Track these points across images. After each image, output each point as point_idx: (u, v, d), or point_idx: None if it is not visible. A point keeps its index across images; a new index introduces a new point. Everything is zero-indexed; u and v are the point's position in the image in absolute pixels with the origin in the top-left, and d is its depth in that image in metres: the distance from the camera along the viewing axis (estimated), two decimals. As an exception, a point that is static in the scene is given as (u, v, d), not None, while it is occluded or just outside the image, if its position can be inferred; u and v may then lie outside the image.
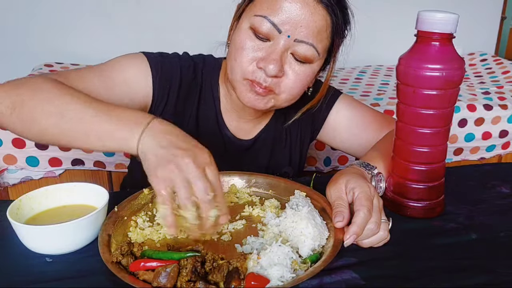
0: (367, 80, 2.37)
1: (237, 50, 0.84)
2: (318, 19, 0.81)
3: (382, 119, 1.02)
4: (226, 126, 0.98)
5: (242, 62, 0.83)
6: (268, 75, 0.82)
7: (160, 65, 0.91)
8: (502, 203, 0.85)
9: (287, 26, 0.80)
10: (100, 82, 0.83)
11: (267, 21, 0.80)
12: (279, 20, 0.80)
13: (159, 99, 0.92)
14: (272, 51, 0.81)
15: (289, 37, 0.80)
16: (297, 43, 0.81)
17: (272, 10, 0.80)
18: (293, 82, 0.85)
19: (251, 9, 0.84)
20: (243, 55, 0.83)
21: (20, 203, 0.70)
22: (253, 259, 0.61)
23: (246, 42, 0.83)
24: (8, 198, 1.68)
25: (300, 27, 0.80)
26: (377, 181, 0.82)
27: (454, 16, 0.70)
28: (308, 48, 0.82)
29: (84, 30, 2.42)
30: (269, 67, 0.80)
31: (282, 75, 0.84)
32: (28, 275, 0.63)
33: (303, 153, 1.08)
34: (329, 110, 1.04)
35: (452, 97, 0.74)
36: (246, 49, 0.83)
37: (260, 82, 0.83)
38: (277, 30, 0.80)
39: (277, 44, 0.81)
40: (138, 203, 0.78)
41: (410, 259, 0.68)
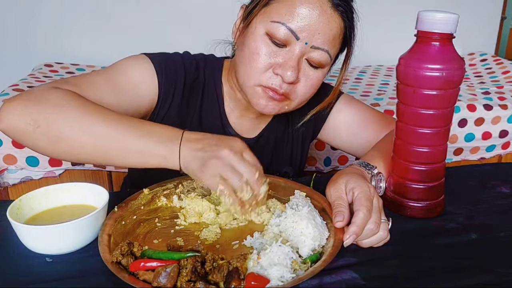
0: (367, 80, 2.37)
1: (252, 55, 0.84)
2: (334, 27, 0.82)
3: (382, 119, 1.03)
4: (230, 124, 0.99)
5: (258, 68, 0.83)
6: (286, 82, 0.82)
7: (164, 65, 0.91)
8: (502, 203, 0.85)
9: (305, 33, 0.80)
10: (109, 88, 0.83)
11: (285, 28, 0.80)
12: (297, 27, 0.80)
13: (164, 98, 0.92)
14: (290, 57, 0.82)
15: (306, 44, 0.81)
16: (313, 50, 0.82)
17: (290, 17, 0.80)
18: (306, 88, 0.86)
19: (267, 14, 0.83)
20: (259, 61, 0.83)
21: (20, 203, 0.70)
22: (253, 259, 0.61)
23: (262, 48, 0.83)
24: (8, 198, 1.68)
25: (317, 34, 0.81)
26: (377, 181, 0.82)
27: (454, 16, 0.70)
28: (323, 54, 0.83)
29: (84, 30, 2.42)
30: (287, 73, 0.81)
31: (297, 82, 0.85)
32: (28, 275, 0.63)
33: (304, 152, 1.09)
34: (330, 109, 1.04)
35: (452, 97, 0.74)
36: (262, 55, 0.83)
37: (277, 89, 0.83)
38: (295, 37, 0.81)
39: (293, 50, 0.82)
40: (138, 203, 0.78)
41: (410, 259, 0.68)
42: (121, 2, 2.43)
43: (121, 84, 0.85)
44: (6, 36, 2.37)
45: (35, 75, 2.09)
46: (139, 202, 0.78)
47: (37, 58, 2.31)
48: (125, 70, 0.88)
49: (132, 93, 0.86)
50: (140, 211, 0.77)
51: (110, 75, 0.86)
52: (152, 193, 0.80)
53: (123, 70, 0.87)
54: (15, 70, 2.22)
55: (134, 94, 0.87)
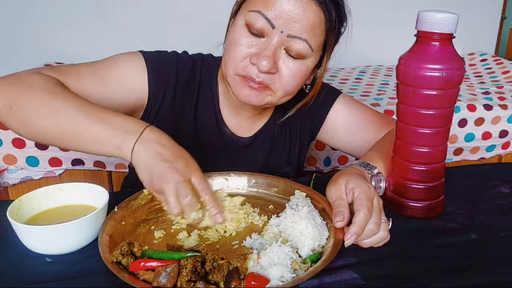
0: (367, 80, 2.37)
1: (231, 46, 0.85)
2: (311, 15, 0.81)
3: (381, 119, 1.02)
4: (225, 123, 0.99)
5: (235, 58, 0.84)
6: (261, 71, 0.82)
7: (157, 62, 0.92)
8: (502, 203, 0.85)
9: (281, 21, 0.80)
10: (95, 80, 0.84)
11: (261, 16, 0.81)
12: (273, 15, 0.80)
13: (155, 97, 0.92)
14: (265, 47, 0.82)
15: (282, 32, 0.81)
16: (290, 39, 0.81)
17: (265, 5, 0.80)
18: (287, 79, 0.85)
19: (247, 5, 0.84)
20: (236, 51, 0.83)
21: (20, 203, 0.70)
22: (253, 259, 0.61)
23: (240, 38, 0.83)
24: (8, 198, 1.68)
25: (293, 23, 0.80)
26: (377, 181, 0.82)
27: (454, 16, 0.70)
28: (301, 43, 0.82)
29: (84, 30, 2.42)
30: (261, 63, 0.81)
31: (275, 72, 0.84)
32: (28, 275, 0.63)
33: (302, 153, 1.08)
34: (329, 110, 1.04)
35: (452, 97, 0.74)
36: (239, 45, 0.83)
37: (253, 77, 0.83)
38: (271, 25, 0.80)
39: (270, 40, 0.82)
40: (138, 203, 0.78)
41: (410, 259, 0.68)
42: (121, 2, 2.43)
43: (108, 76, 0.86)
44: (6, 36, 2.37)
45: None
46: (139, 202, 0.78)
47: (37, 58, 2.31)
48: (116, 63, 0.89)
49: (117, 86, 0.87)
50: (140, 211, 0.77)
51: (98, 67, 0.87)
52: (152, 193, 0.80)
53: (113, 63, 0.88)
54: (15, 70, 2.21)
55: (120, 88, 0.87)
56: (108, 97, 0.85)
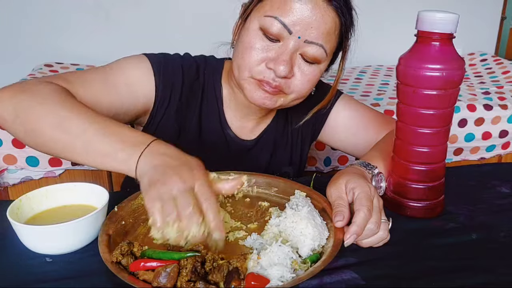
0: (367, 80, 2.37)
1: (246, 49, 0.84)
2: (329, 21, 0.82)
3: (382, 119, 1.03)
4: (229, 126, 0.99)
5: (251, 61, 0.83)
6: (278, 76, 0.82)
7: (163, 66, 0.91)
8: (502, 203, 0.85)
9: (298, 27, 0.80)
10: (102, 85, 0.83)
11: (277, 22, 0.80)
12: (290, 21, 0.80)
13: (161, 100, 0.91)
14: (282, 52, 0.82)
15: (299, 38, 0.81)
16: (307, 44, 0.82)
17: (283, 11, 0.80)
18: (302, 83, 0.86)
19: (261, 9, 0.84)
20: (252, 55, 0.83)
21: (20, 203, 0.70)
22: (253, 259, 0.61)
23: (256, 42, 0.83)
24: (8, 198, 1.68)
25: (310, 28, 0.81)
26: (377, 181, 0.82)
27: (454, 16, 0.70)
28: (318, 49, 0.82)
29: (84, 30, 2.42)
30: (279, 68, 0.81)
31: (291, 76, 0.84)
32: (28, 275, 0.63)
33: (304, 153, 1.08)
34: (330, 110, 1.04)
35: (452, 97, 0.74)
36: (255, 49, 0.83)
37: (270, 82, 0.83)
38: (288, 31, 0.81)
39: (287, 45, 0.82)
40: (138, 203, 0.78)
41: (410, 259, 0.68)
42: (121, 2, 2.43)
43: (116, 81, 0.85)
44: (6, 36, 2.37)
45: (35, 75, 2.09)
46: (139, 202, 0.78)
47: (37, 58, 2.31)
48: (123, 68, 0.88)
49: (126, 91, 0.86)
50: (140, 211, 0.77)
51: (106, 72, 0.86)
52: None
53: (120, 68, 0.87)
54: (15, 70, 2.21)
55: (129, 93, 0.86)
56: (118, 103, 0.84)
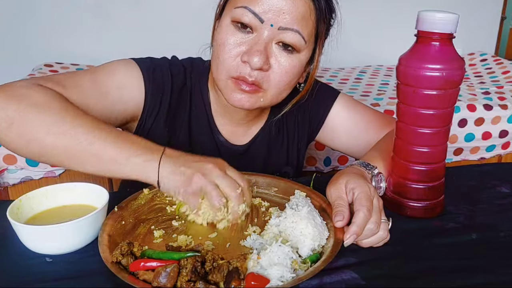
0: (367, 80, 2.37)
1: (220, 47, 0.82)
2: (300, 5, 0.78)
3: (382, 119, 1.02)
4: (219, 131, 0.97)
5: (225, 58, 0.81)
6: (253, 68, 0.79)
7: (152, 71, 0.90)
8: (502, 203, 0.85)
9: (269, 14, 0.78)
10: (95, 90, 0.82)
11: (247, 11, 0.78)
12: (260, 9, 0.78)
13: (150, 107, 0.90)
14: (256, 42, 0.79)
15: (272, 26, 0.78)
16: (282, 31, 0.79)
17: (251, 0, 0.78)
18: (280, 75, 0.82)
19: (231, 3, 0.82)
20: (225, 51, 0.81)
21: (20, 203, 0.70)
22: (253, 259, 0.61)
23: (228, 38, 0.80)
24: (8, 198, 1.68)
25: (283, 14, 0.78)
26: (377, 181, 0.82)
27: (454, 16, 0.70)
28: (294, 34, 0.79)
29: (84, 30, 2.42)
30: (253, 59, 0.78)
31: (268, 68, 0.81)
32: (28, 275, 0.63)
33: (301, 154, 1.07)
34: (328, 111, 1.03)
35: (452, 97, 0.74)
36: (228, 45, 0.80)
37: (246, 77, 0.80)
38: (259, 19, 0.78)
39: (260, 35, 0.79)
40: (138, 203, 0.78)
41: (410, 259, 0.68)
42: (121, 2, 2.43)
43: (108, 86, 0.84)
44: (6, 36, 2.37)
45: (35, 75, 2.09)
46: (139, 202, 0.78)
47: (37, 58, 2.31)
48: (113, 72, 0.86)
49: (117, 95, 0.85)
50: (140, 211, 0.77)
51: (97, 77, 0.84)
52: (152, 193, 0.80)
53: (110, 72, 0.86)
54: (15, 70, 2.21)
55: (120, 96, 0.85)
56: (109, 107, 0.84)
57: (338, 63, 2.54)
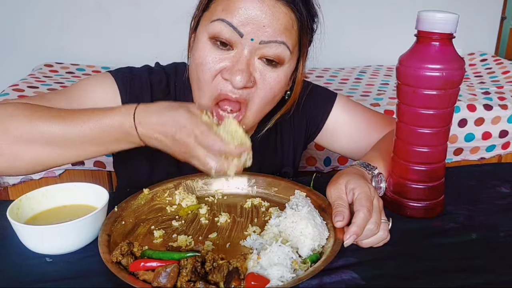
0: (367, 80, 2.37)
1: (198, 67, 0.77)
2: (281, 17, 0.74)
3: (382, 120, 1.01)
4: None
5: (206, 80, 0.76)
6: (236, 87, 0.74)
7: (129, 82, 0.87)
8: (502, 203, 0.85)
9: (248, 28, 0.73)
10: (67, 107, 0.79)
11: (225, 24, 0.73)
12: (238, 22, 0.73)
13: None
14: (237, 60, 0.74)
15: (252, 40, 0.73)
16: (264, 45, 0.74)
17: (228, 12, 0.73)
18: (264, 91, 0.78)
19: (206, 17, 0.78)
20: (205, 72, 0.76)
21: (20, 203, 0.70)
22: (253, 259, 0.61)
23: (207, 55, 0.76)
24: (8, 198, 1.68)
25: (263, 28, 0.73)
26: (377, 181, 0.82)
27: (454, 16, 0.70)
28: (278, 46, 0.75)
29: (84, 30, 2.42)
30: (235, 78, 0.73)
31: (252, 85, 0.76)
32: (28, 275, 0.63)
33: (297, 158, 1.05)
34: (327, 115, 1.00)
35: (452, 97, 0.74)
36: (207, 64, 0.75)
37: (228, 95, 0.76)
38: (238, 33, 0.73)
39: (241, 51, 0.74)
40: (138, 203, 0.78)
41: (410, 259, 0.68)
42: (121, 2, 2.43)
43: (81, 102, 0.82)
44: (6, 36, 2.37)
45: (35, 75, 2.09)
46: (139, 202, 0.78)
47: (37, 58, 2.31)
48: (86, 89, 0.84)
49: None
50: (140, 211, 0.77)
51: (70, 96, 0.82)
52: (152, 193, 0.80)
53: (84, 90, 0.84)
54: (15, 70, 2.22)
55: None
56: None
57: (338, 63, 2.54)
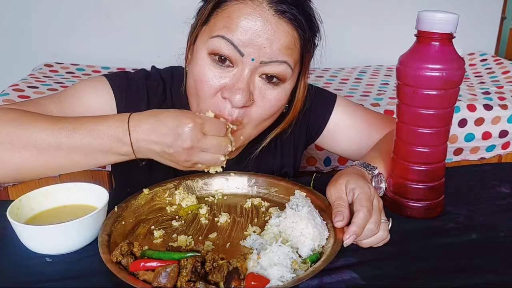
0: (367, 80, 2.37)
1: (197, 83, 0.76)
2: (283, 36, 0.73)
3: (382, 120, 1.01)
4: None
5: (206, 97, 0.75)
6: (235, 106, 0.74)
7: (125, 88, 0.86)
8: (502, 203, 0.85)
9: (249, 48, 0.72)
10: (59, 113, 0.78)
11: (225, 41, 0.72)
12: (239, 41, 0.72)
13: None
14: (237, 78, 0.73)
15: (253, 60, 0.72)
16: (265, 65, 0.74)
17: (229, 29, 0.72)
18: (263, 109, 0.77)
19: (206, 33, 0.76)
20: (205, 89, 0.75)
21: (20, 203, 0.70)
22: (253, 259, 0.61)
23: (206, 73, 0.74)
24: (8, 198, 1.68)
25: (264, 48, 0.72)
26: (377, 181, 0.82)
27: (454, 16, 0.70)
28: (278, 65, 0.74)
29: (84, 30, 2.42)
30: (235, 98, 0.72)
31: (250, 104, 0.76)
32: (28, 275, 0.63)
33: (297, 160, 1.04)
34: (328, 118, 1.00)
35: (452, 97, 0.74)
36: (207, 81, 0.74)
37: (225, 116, 0.75)
38: (239, 52, 0.72)
39: (242, 70, 0.73)
40: (138, 203, 0.78)
41: (410, 259, 0.68)
42: (121, 2, 2.43)
43: (74, 110, 0.80)
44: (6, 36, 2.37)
45: (35, 75, 2.09)
46: (139, 202, 0.78)
47: (37, 58, 2.31)
48: (79, 95, 0.82)
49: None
50: (140, 211, 0.77)
51: (63, 101, 0.80)
52: (152, 193, 0.80)
53: (77, 95, 0.82)
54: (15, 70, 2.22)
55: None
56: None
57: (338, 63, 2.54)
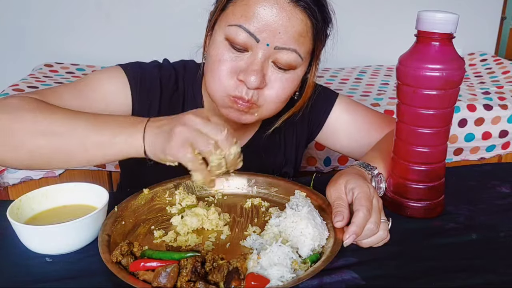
0: (367, 80, 2.37)
1: (214, 64, 0.80)
2: (297, 24, 0.77)
3: (382, 120, 1.01)
4: None
5: (221, 76, 0.79)
6: (250, 88, 0.78)
7: (139, 77, 0.88)
8: (502, 203, 0.85)
9: (265, 34, 0.76)
10: (76, 100, 0.80)
11: (242, 30, 0.76)
12: (255, 28, 0.76)
13: (139, 114, 0.87)
14: (252, 61, 0.78)
15: (268, 45, 0.77)
16: (278, 51, 0.77)
17: (246, 18, 0.76)
18: (276, 92, 0.81)
19: (224, 18, 0.80)
20: (221, 69, 0.79)
21: (20, 203, 0.70)
22: (253, 259, 0.61)
23: (223, 54, 0.79)
24: (8, 198, 1.68)
25: (278, 34, 0.76)
26: (377, 181, 0.82)
27: (454, 16, 0.70)
28: (290, 54, 0.78)
29: (84, 30, 2.42)
30: (250, 79, 0.77)
31: (264, 86, 0.80)
32: (28, 275, 0.63)
33: (298, 156, 1.06)
34: (328, 114, 1.01)
35: (452, 97, 0.74)
36: (223, 62, 0.79)
37: (243, 97, 0.79)
38: (255, 39, 0.76)
39: (256, 54, 0.77)
40: (138, 203, 0.78)
41: (410, 259, 0.68)
42: (121, 2, 2.43)
43: (90, 97, 0.82)
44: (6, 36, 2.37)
45: (35, 75, 2.09)
46: (139, 202, 0.78)
47: (37, 58, 2.31)
48: (96, 83, 0.84)
49: (101, 107, 0.83)
50: (140, 211, 0.77)
51: (80, 89, 0.83)
52: (152, 193, 0.80)
53: (94, 84, 0.84)
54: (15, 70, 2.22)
55: (104, 108, 0.83)
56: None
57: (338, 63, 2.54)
